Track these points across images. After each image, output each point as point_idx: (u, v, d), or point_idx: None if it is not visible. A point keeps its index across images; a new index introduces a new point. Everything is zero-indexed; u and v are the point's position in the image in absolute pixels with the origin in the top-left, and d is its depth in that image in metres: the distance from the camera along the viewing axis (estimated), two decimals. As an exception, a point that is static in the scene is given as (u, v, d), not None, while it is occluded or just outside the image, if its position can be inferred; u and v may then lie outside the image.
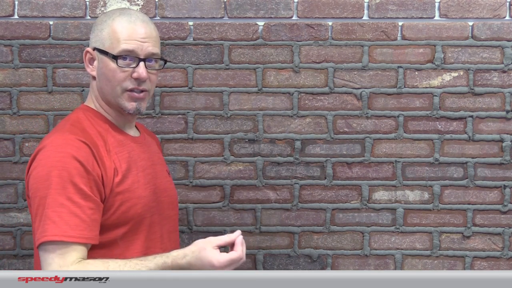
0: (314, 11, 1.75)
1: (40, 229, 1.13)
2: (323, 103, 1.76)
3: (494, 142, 1.76)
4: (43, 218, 1.13)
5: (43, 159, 1.15)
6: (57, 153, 1.15)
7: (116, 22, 1.24)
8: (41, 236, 1.13)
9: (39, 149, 1.19)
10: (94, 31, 1.28)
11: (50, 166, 1.14)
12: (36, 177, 1.15)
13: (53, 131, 1.25)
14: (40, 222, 1.13)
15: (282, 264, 1.78)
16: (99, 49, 1.25)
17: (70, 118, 1.27)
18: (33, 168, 1.17)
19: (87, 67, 1.28)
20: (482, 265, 1.78)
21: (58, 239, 1.12)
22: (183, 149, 1.77)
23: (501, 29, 1.74)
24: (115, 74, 1.23)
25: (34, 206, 1.15)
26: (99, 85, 1.28)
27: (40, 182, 1.14)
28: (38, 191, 1.14)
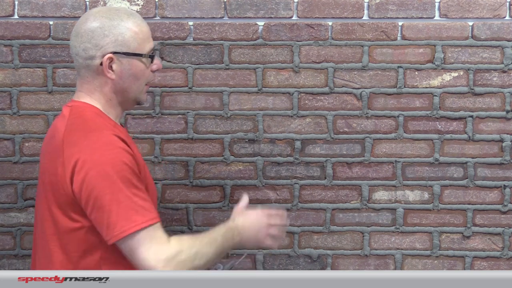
0: (314, 11, 1.75)
1: (122, 222, 1.17)
2: (323, 103, 1.76)
3: (494, 142, 1.76)
4: (122, 211, 1.18)
5: (98, 158, 1.19)
6: (108, 150, 1.20)
7: (131, 23, 1.29)
8: (128, 228, 1.17)
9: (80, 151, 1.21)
10: (105, 36, 1.26)
11: (108, 164, 1.18)
12: (97, 176, 1.18)
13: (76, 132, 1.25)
14: (119, 216, 1.17)
15: (282, 264, 1.78)
16: (125, 53, 1.27)
17: (85, 118, 1.27)
18: (88, 169, 1.18)
19: (107, 73, 1.27)
20: (482, 265, 1.78)
21: (146, 224, 1.18)
22: (183, 149, 1.77)
23: (501, 29, 1.74)
24: (145, 71, 1.32)
25: (104, 203, 1.18)
26: (121, 86, 1.30)
27: (104, 180, 1.18)
28: (106, 189, 1.18)
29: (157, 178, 1.76)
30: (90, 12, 1.31)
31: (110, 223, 1.18)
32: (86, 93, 1.31)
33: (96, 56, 1.27)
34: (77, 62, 1.30)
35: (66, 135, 1.24)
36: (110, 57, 1.26)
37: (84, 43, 1.27)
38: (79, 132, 1.24)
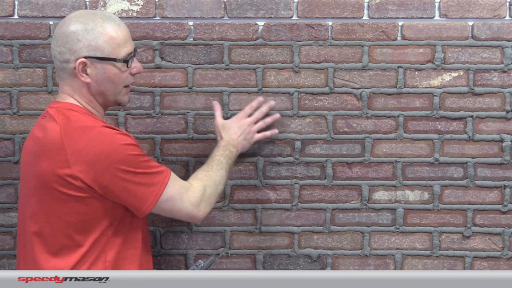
0: (314, 11, 1.75)
1: (150, 188, 1.32)
2: (323, 103, 1.76)
3: (494, 142, 1.76)
4: (145, 180, 1.31)
5: (106, 149, 1.27)
6: (110, 139, 1.29)
7: (106, 28, 1.31)
8: (156, 192, 1.32)
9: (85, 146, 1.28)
10: (79, 40, 1.30)
11: (117, 150, 1.28)
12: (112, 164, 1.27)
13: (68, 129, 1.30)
14: (143, 186, 1.31)
15: (282, 264, 1.78)
16: (98, 57, 1.31)
17: (78, 117, 1.32)
18: (101, 161, 1.27)
19: (81, 77, 1.32)
20: (482, 265, 1.78)
21: (167, 180, 1.35)
22: (183, 149, 1.76)
23: (501, 29, 1.74)
24: (121, 75, 1.36)
25: (127, 184, 1.29)
26: (97, 89, 1.35)
27: (121, 165, 1.28)
28: (125, 171, 1.28)
29: (157, 178, 1.76)
30: (69, 16, 1.36)
31: (143, 196, 1.31)
32: (68, 94, 1.36)
33: (70, 60, 1.31)
34: (55, 64, 1.36)
35: (64, 136, 1.28)
36: (82, 62, 1.30)
37: (59, 47, 1.32)
38: (77, 130, 1.28)
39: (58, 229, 1.30)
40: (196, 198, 1.38)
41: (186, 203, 1.37)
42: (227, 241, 1.77)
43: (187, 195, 1.37)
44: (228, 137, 1.58)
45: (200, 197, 1.39)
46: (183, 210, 1.37)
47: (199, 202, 1.39)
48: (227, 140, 1.57)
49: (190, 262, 1.77)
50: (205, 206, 1.41)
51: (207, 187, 1.42)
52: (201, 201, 1.39)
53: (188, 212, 1.38)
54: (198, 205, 1.39)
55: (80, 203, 1.29)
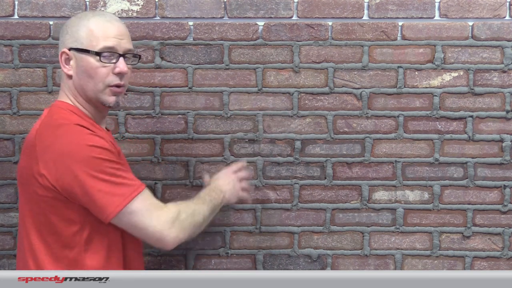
0: (314, 11, 1.75)
1: (112, 199, 1.21)
2: (323, 103, 1.76)
3: (494, 142, 1.76)
4: (109, 189, 1.22)
5: (71, 149, 1.21)
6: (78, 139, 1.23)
7: (92, 22, 1.32)
8: (119, 203, 1.22)
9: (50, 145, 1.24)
10: (67, 33, 1.34)
11: (82, 151, 1.21)
12: (75, 164, 1.21)
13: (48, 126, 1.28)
14: (107, 194, 1.21)
15: (282, 264, 1.78)
16: (77, 49, 1.31)
17: (61, 115, 1.31)
18: (64, 161, 1.21)
19: (63, 67, 1.34)
20: (482, 265, 1.78)
21: (136, 193, 1.24)
22: (183, 149, 1.76)
23: (501, 29, 1.74)
24: (97, 70, 1.31)
25: (89, 187, 1.21)
26: (78, 83, 1.34)
27: (83, 166, 1.21)
28: (87, 174, 1.20)
29: (157, 178, 1.76)
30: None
31: (102, 204, 1.21)
32: (62, 90, 1.38)
33: (60, 52, 1.35)
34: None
35: (38, 132, 1.28)
36: (64, 52, 1.33)
37: (59, 40, 1.37)
38: (50, 127, 1.27)
39: (32, 228, 1.28)
40: (167, 218, 1.26)
41: (154, 221, 1.24)
42: (227, 241, 1.77)
43: (157, 213, 1.25)
44: (216, 182, 1.53)
45: (172, 219, 1.26)
46: (150, 229, 1.24)
47: (171, 223, 1.26)
48: (214, 185, 1.51)
49: (190, 262, 1.77)
50: (177, 230, 1.26)
51: (182, 212, 1.30)
52: (172, 223, 1.26)
53: (155, 231, 1.24)
54: (169, 226, 1.25)
55: (47, 203, 1.24)
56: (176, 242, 1.27)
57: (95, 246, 1.27)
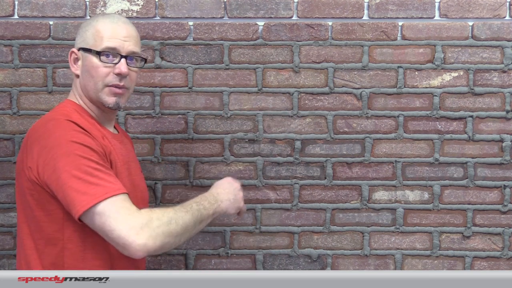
0: (314, 11, 1.75)
1: (82, 197, 1.16)
2: (323, 103, 1.76)
3: (494, 142, 1.76)
4: (81, 186, 1.16)
5: (53, 142, 1.19)
6: (63, 134, 1.20)
7: (99, 22, 1.34)
8: (89, 201, 1.15)
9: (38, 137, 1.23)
10: (79, 33, 1.37)
11: (63, 145, 1.19)
12: (55, 158, 1.18)
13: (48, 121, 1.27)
14: (78, 191, 1.16)
15: (282, 264, 1.78)
16: (83, 48, 1.33)
17: (60, 111, 1.31)
18: (46, 154, 1.19)
19: (71, 67, 1.36)
20: (482, 265, 1.78)
21: (109, 195, 1.16)
22: (183, 149, 1.76)
23: (501, 29, 1.74)
24: (98, 69, 1.32)
25: (63, 182, 1.17)
26: (82, 82, 1.35)
27: (61, 160, 1.17)
28: (63, 168, 1.17)
29: (157, 178, 1.76)
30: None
31: (74, 200, 1.17)
32: (72, 90, 1.39)
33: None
34: None
35: (32, 127, 1.29)
36: (72, 51, 1.36)
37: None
38: (42, 122, 1.28)
39: (22, 223, 1.28)
40: (136, 223, 1.15)
41: (121, 225, 1.14)
42: (227, 241, 1.77)
43: (126, 217, 1.15)
44: (215, 189, 1.41)
45: (141, 225, 1.15)
46: (115, 232, 1.14)
47: (139, 229, 1.15)
48: (211, 192, 1.39)
49: (190, 262, 1.77)
50: (145, 237, 1.15)
51: (155, 219, 1.18)
52: (141, 229, 1.15)
53: (121, 235, 1.14)
54: (136, 232, 1.14)
55: (32, 197, 1.24)
56: (143, 250, 1.15)
57: (76, 245, 1.25)
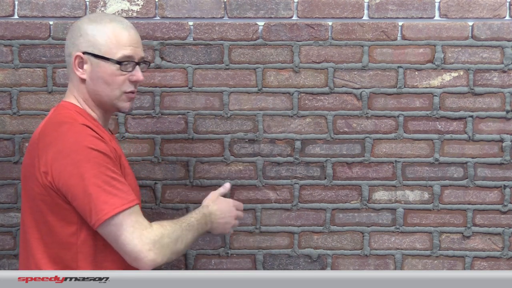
0: (314, 11, 1.75)
1: (102, 206, 1.19)
2: (323, 103, 1.76)
3: (494, 142, 1.76)
4: (101, 195, 1.19)
5: (70, 147, 1.20)
6: (79, 139, 1.22)
7: (110, 28, 1.31)
8: (108, 211, 1.19)
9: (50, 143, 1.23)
10: (80, 35, 1.31)
11: (80, 151, 1.20)
12: (72, 164, 1.20)
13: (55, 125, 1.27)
14: (98, 200, 1.19)
15: (282, 264, 1.78)
16: (94, 54, 1.30)
17: (67, 115, 1.30)
18: (62, 159, 1.20)
19: (76, 71, 1.32)
20: (482, 265, 1.78)
21: (126, 206, 1.20)
22: (183, 149, 1.76)
23: (501, 29, 1.74)
24: (115, 78, 1.32)
25: (82, 190, 1.19)
26: (92, 87, 1.33)
27: (79, 167, 1.19)
28: (82, 176, 1.19)
29: (157, 178, 1.76)
30: (86, 15, 1.38)
31: (94, 208, 1.19)
32: (70, 92, 1.36)
33: (71, 54, 1.33)
34: (65, 60, 1.38)
35: (41, 130, 1.28)
36: (78, 56, 1.31)
37: (67, 41, 1.35)
38: (52, 125, 1.27)
39: (31, 227, 1.27)
40: (148, 240, 1.21)
41: (136, 240, 1.19)
42: (227, 241, 1.77)
43: (140, 232, 1.21)
44: (214, 211, 1.43)
45: (154, 241, 1.21)
46: (129, 246, 1.19)
47: (151, 245, 1.21)
48: (210, 212, 1.42)
49: (190, 262, 1.78)
50: (156, 253, 1.21)
51: (165, 237, 1.24)
52: (153, 244, 1.21)
53: (134, 249, 1.19)
54: (148, 247, 1.20)
55: (45, 202, 1.24)
56: (152, 266, 1.22)
57: (90, 248, 1.26)
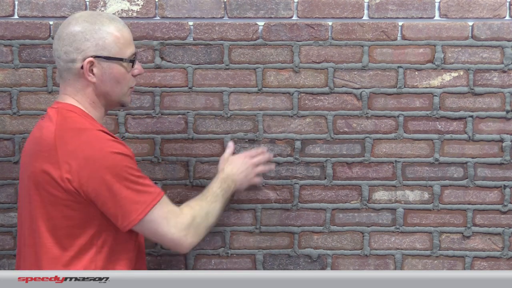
0: (314, 11, 1.75)
1: (134, 206, 1.27)
2: (323, 103, 1.76)
3: (494, 142, 1.76)
4: (132, 196, 1.26)
5: (94, 154, 1.24)
6: (102, 145, 1.26)
7: (113, 28, 1.33)
8: (141, 210, 1.27)
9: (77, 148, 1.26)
10: (87, 40, 1.30)
11: (105, 157, 1.25)
12: (100, 170, 1.24)
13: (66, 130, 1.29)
14: (130, 201, 1.26)
15: (282, 264, 1.78)
16: (105, 57, 1.31)
17: (74, 119, 1.31)
18: (89, 166, 1.24)
19: (87, 76, 1.32)
20: (482, 265, 1.78)
21: (156, 201, 1.30)
22: (183, 149, 1.76)
23: (501, 29, 1.74)
24: (125, 76, 1.36)
25: (112, 195, 1.25)
26: (102, 89, 1.35)
27: (107, 172, 1.24)
28: (111, 180, 1.24)
29: (157, 178, 1.76)
30: (73, 16, 1.36)
31: (126, 211, 1.26)
32: (70, 95, 1.35)
33: (77, 60, 1.31)
34: (59, 64, 1.35)
35: (57, 135, 1.27)
36: (90, 61, 1.31)
37: (65, 46, 1.31)
38: (70, 132, 1.27)
39: (47, 231, 1.28)
40: (183, 225, 1.34)
41: (172, 229, 1.32)
42: (227, 241, 1.77)
43: (175, 221, 1.33)
44: (230, 170, 1.57)
45: (188, 225, 1.35)
46: (168, 236, 1.32)
47: (187, 229, 1.34)
48: (227, 173, 1.55)
49: (190, 262, 1.77)
50: (192, 235, 1.35)
51: (197, 217, 1.38)
52: (188, 229, 1.34)
53: (173, 238, 1.32)
54: (185, 233, 1.34)
55: (67, 207, 1.26)
56: (191, 247, 1.37)
57: (109, 247, 1.31)
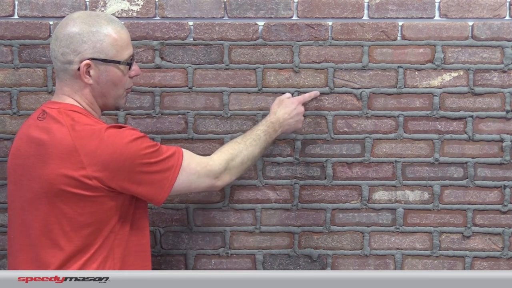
0: (314, 11, 1.75)
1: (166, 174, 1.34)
2: (323, 103, 1.76)
3: (494, 142, 1.76)
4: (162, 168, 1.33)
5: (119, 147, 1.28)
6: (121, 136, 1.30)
7: (111, 30, 1.32)
8: (173, 171, 1.35)
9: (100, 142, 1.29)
10: (84, 42, 1.30)
11: (130, 147, 1.29)
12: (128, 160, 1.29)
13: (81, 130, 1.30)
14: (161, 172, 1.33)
15: (282, 264, 1.78)
16: (103, 59, 1.32)
17: (84, 118, 1.32)
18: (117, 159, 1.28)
19: (84, 78, 1.33)
20: (482, 265, 1.78)
21: (180, 161, 1.36)
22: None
23: (501, 29, 1.74)
24: (123, 78, 1.37)
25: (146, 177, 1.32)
26: (99, 91, 1.36)
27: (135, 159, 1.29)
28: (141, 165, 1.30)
29: (157, 178, 1.76)
30: (71, 17, 1.35)
31: (157, 186, 1.33)
32: (68, 95, 1.36)
33: (74, 61, 1.31)
34: (55, 65, 1.35)
35: (75, 137, 1.28)
36: (87, 63, 1.31)
37: (62, 48, 1.31)
38: (87, 132, 1.29)
39: (71, 230, 1.29)
40: (214, 172, 1.41)
41: (203, 178, 1.40)
42: (227, 241, 1.77)
43: (205, 170, 1.40)
44: (282, 115, 1.59)
45: (220, 170, 1.42)
46: (202, 186, 1.41)
47: (218, 175, 1.42)
48: (278, 117, 1.58)
49: (190, 262, 1.77)
50: (225, 176, 1.44)
51: (231, 161, 1.45)
52: (220, 173, 1.42)
53: (206, 186, 1.42)
54: (218, 178, 1.42)
55: (94, 202, 1.29)
56: (226, 184, 1.46)
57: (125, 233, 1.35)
